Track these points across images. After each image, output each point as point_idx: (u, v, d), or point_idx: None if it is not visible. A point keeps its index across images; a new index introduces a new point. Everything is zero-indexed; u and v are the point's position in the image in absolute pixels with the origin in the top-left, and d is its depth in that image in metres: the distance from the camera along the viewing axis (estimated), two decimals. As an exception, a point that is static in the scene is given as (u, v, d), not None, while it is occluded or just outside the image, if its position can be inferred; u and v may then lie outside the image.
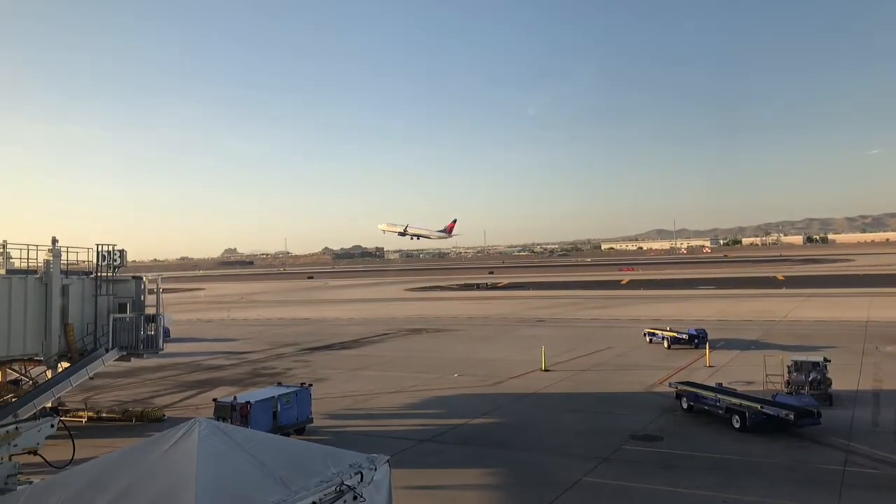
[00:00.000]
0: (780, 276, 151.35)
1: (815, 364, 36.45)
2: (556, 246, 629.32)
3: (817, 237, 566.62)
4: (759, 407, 30.22)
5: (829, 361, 37.24)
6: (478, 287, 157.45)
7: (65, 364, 32.54)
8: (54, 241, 32.51)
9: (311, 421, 32.23)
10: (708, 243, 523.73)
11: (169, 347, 42.05)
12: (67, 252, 33.24)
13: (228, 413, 28.55)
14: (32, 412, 28.03)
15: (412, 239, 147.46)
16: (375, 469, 14.32)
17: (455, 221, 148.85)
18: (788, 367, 37.38)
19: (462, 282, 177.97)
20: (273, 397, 30.43)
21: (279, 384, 35.69)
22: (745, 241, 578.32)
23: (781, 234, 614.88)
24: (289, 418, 30.62)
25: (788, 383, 36.73)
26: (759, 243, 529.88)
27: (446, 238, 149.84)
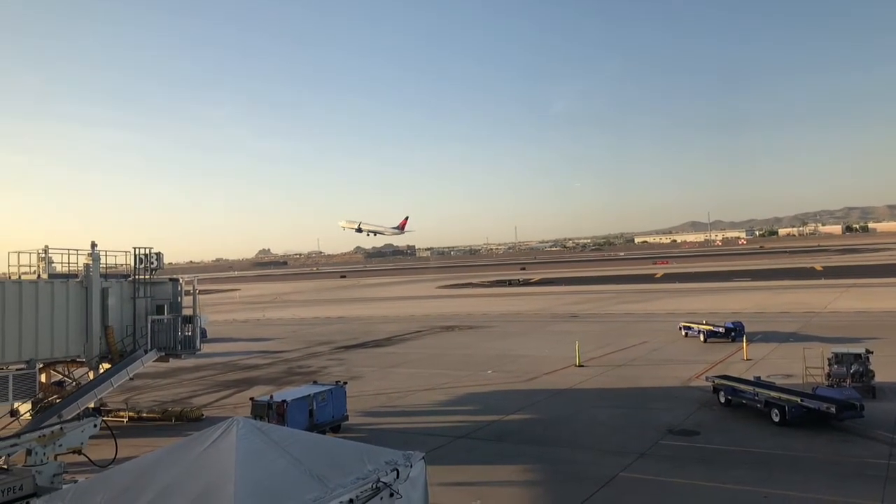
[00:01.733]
0: (818, 267, 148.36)
1: (857, 356, 35.65)
2: (589, 240, 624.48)
3: (857, 226, 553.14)
4: (798, 400, 29.68)
5: (872, 353, 36.39)
6: (510, 283, 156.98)
7: (106, 365, 33.31)
8: (93, 245, 33.26)
9: (346, 418, 32.46)
10: (743, 235, 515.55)
11: (206, 348, 42.76)
12: (106, 256, 33.99)
13: (265, 412, 28.84)
14: (76, 412, 28.74)
15: (367, 235, 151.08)
16: (411, 466, 14.37)
17: (407, 218, 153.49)
18: (829, 359, 36.61)
19: (494, 278, 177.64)
20: (309, 396, 30.67)
21: (315, 382, 35.99)
22: (782, 231, 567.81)
23: (819, 224, 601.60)
24: (325, 416, 30.86)
25: (829, 376, 35.99)
26: (797, 234, 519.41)
27: (399, 234, 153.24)
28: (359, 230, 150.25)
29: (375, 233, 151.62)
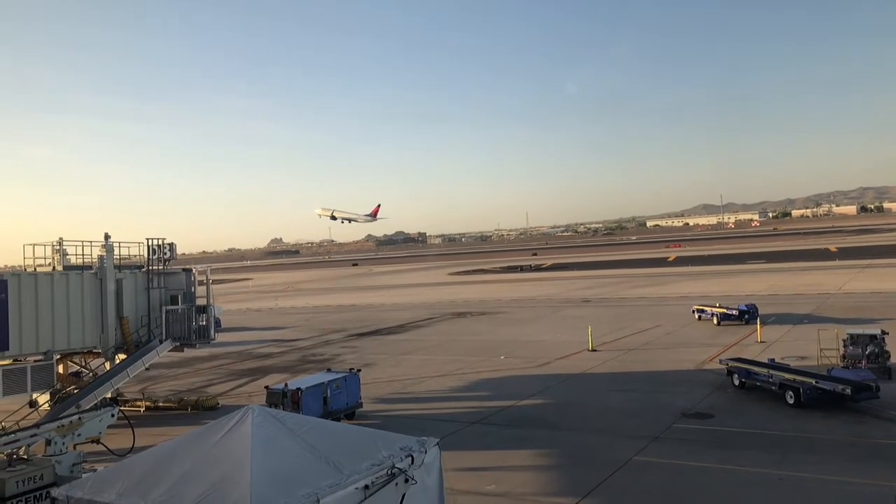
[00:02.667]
0: (832, 248, 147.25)
1: (873, 337, 35.42)
2: (601, 225, 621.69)
3: (872, 206, 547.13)
4: (813, 382, 29.53)
5: (888, 334, 36.12)
6: (521, 269, 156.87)
7: (122, 356, 33.60)
8: (107, 236, 33.47)
9: (360, 405, 32.63)
10: (756, 217, 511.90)
11: (220, 337, 43.05)
12: (119, 247, 34.20)
13: (280, 400, 29.02)
14: (94, 402, 29.03)
15: (342, 222, 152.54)
16: (426, 452, 14.43)
17: (379, 206, 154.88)
18: (844, 340, 36.41)
19: (505, 264, 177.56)
20: (323, 383, 30.85)
21: (328, 370, 36.17)
22: (795, 213, 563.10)
23: (833, 205, 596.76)
24: (339, 403, 31.03)
25: (844, 357, 35.80)
26: (810, 215, 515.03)
27: (372, 221, 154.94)
28: (333, 217, 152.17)
29: (350, 220, 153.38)
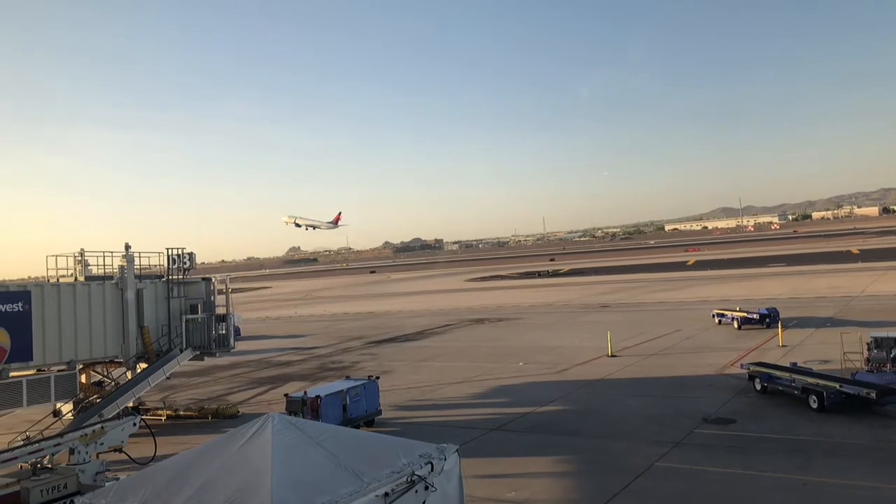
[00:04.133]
0: (854, 250, 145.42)
1: (897, 340, 34.87)
2: (618, 229, 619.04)
3: (894, 207, 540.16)
4: (837, 386, 29.14)
5: (913, 336, 35.55)
6: (539, 275, 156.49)
7: (143, 365, 33.88)
8: (127, 247, 33.82)
9: (379, 413, 32.66)
10: (776, 219, 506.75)
11: (240, 345, 43.32)
12: (140, 257, 34.51)
13: (299, 407, 29.13)
14: (116, 412, 29.31)
15: (306, 229, 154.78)
16: (445, 458, 14.43)
17: (340, 214, 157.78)
18: (868, 343, 35.82)
19: (523, 270, 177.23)
20: (342, 391, 30.93)
21: (347, 377, 36.18)
22: (816, 215, 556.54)
23: (855, 206, 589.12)
24: (358, 411, 31.09)
25: (868, 361, 35.22)
26: (831, 217, 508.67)
27: (334, 228, 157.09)
28: (297, 225, 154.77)
29: (314, 227, 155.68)
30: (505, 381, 41.03)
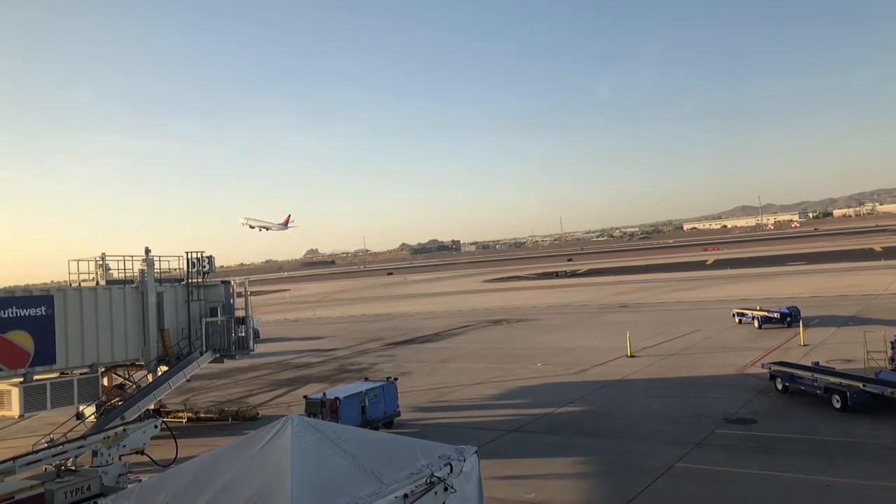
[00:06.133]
0: (877, 248, 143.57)
1: (922, 338, 34.41)
2: (636, 229, 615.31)
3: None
4: (861, 385, 28.79)
5: (937, 335, 35.09)
6: (556, 275, 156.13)
7: (163, 368, 34.18)
8: (147, 251, 34.14)
9: (398, 414, 32.71)
10: (796, 217, 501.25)
11: (259, 348, 43.56)
12: (160, 261, 34.81)
13: (319, 409, 29.21)
14: (137, 414, 29.61)
15: (259, 230, 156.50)
16: (464, 460, 14.41)
17: (290, 216, 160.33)
18: (892, 342, 35.38)
19: (540, 270, 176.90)
20: (361, 392, 31.00)
21: (366, 379, 36.32)
22: (837, 212, 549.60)
23: (877, 203, 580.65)
24: (377, 412, 31.15)
25: (893, 360, 34.81)
26: (853, 214, 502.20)
27: (284, 229, 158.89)
28: (251, 227, 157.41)
29: (266, 228, 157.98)
30: (523, 382, 40.93)
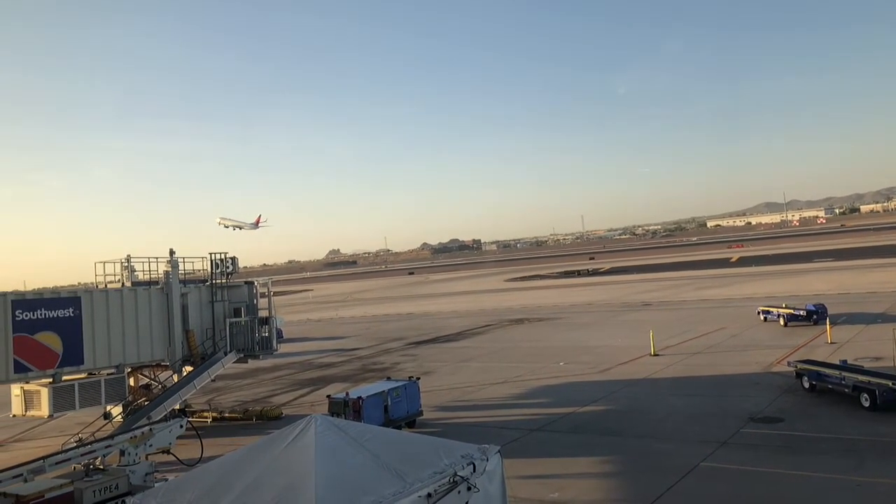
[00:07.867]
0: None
1: (953, 335, 33.74)
2: (659, 227, 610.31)
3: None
4: (890, 384, 28.27)
5: (969, 332, 34.41)
6: (579, 274, 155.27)
7: (188, 368, 34.55)
8: (171, 252, 34.54)
9: (420, 414, 32.74)
10: (822, 213, 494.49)
11: (282, 348, 43.91)
12: (184, 262, 35.21)
13: (342, 409, 29.33)
14: (163, 414, 29.94)
15: (233, 230, 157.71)
16: (487, 459, 14.40)
17: (260, 216, 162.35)
18: (922, 340, 34.81)
19: (562, 269, 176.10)
20: (383, 392, 31.07)
21: (388, 378, 36.37)
22: (864, 208, 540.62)
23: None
24: (399, 412, 31.20)
25: (923, 357, 34.21)
26: (881, 210, 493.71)
27: (255, 229, 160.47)
28: (225, 226, 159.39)
29: (239, 227, 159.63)
30: (546, 381, 40.79)
